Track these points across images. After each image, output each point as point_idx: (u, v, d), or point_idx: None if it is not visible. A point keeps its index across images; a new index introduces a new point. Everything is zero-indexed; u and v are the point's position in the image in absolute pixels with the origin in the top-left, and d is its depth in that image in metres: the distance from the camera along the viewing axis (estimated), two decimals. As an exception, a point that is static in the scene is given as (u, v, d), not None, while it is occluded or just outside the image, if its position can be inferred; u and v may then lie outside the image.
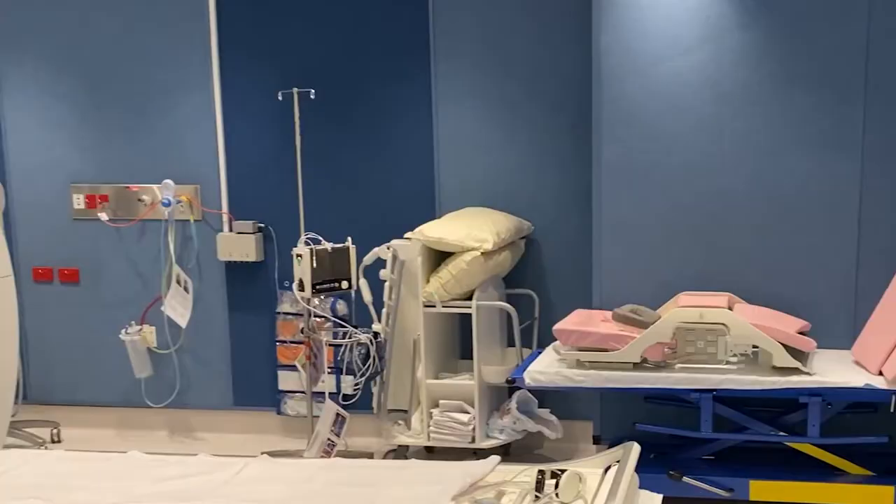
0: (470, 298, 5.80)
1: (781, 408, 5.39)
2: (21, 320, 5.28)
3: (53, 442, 6.69)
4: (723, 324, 5.14)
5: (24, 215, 6.85)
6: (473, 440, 5.85)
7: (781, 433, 5.34)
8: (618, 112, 5.62)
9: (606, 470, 3.87)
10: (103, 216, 6.71)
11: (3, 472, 4.02)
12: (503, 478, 3.81)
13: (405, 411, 6.09)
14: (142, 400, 6.81)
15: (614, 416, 5.82)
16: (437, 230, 5.78)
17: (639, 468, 3.86)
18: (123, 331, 6.64)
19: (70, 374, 6.97)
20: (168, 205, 6.53)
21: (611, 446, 4.46)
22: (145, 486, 3.84)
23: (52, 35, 6.67)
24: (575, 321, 5.44)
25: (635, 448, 3.89)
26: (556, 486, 3.62)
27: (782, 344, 5.09)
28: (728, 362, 5.23)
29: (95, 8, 6.60)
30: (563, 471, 3.66)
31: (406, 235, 5.84)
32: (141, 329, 6.69)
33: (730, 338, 5.14)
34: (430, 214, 6.27)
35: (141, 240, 6.76)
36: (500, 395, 6.12)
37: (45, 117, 6.77)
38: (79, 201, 6.78)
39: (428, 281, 5.79)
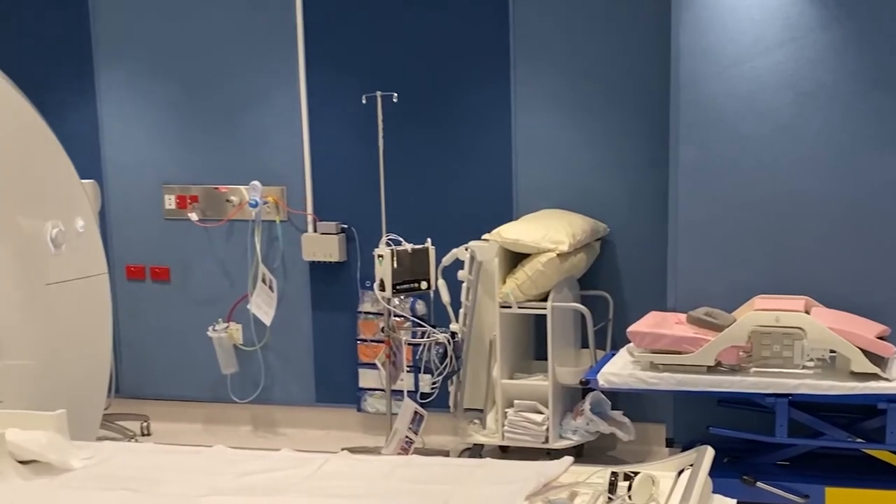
0: (545, 299, 5.66)
1: (859, 414, 5.13)
2: (114, 317, 5.30)
3: (143, 435, 6.71)
4: (800, 328, 4.90)
5: (119, 215, 6.90)
6: (547, 440, 5.70)
7: (859, 440, 5.08)
8: (696, 113, 5.43)
9: (680, 473, 3.72)
10: (193, 216, 6.72)
11: (95, 463, 4.02)
12: (576, 479, 3.71)
13: (480, 410, 5.97)
14: (228, 395, 6.80)
15: (687, 420, 5.62)
16: (514, 232, 5.66)
17: (712, 472, 3.70)
18: (211, 328, 6.65)
19: (160, 370, 6.99)
20: (255, 206, 6.53)
21: (684, 449, 4.31)
22: (230, 480, 3.82)
23: (148, 42, 6.71)
24: (649, 323, 5.26)
25: (709, 452, 3.73)
26: (629, 488, 3.50)
27: (860, 349, 4.83)
28: (804, 367, 4.97)
29: (189, 15, 6.63)
30: (636, 473, 3.56)
31: (483, 237, 5.74)
32: (228, 326, 6.68)
33: (807, 342, 4.88)
34: (508, 216, 6.15)
35: (229, 239, 6.75)
36: (574, 396, 5.96)
37: (140, 120, 6.81)
38: (170, 201, 6.80)
39: (504, 282, 5.67)
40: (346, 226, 6.56)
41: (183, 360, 6.91)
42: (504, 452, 5.97)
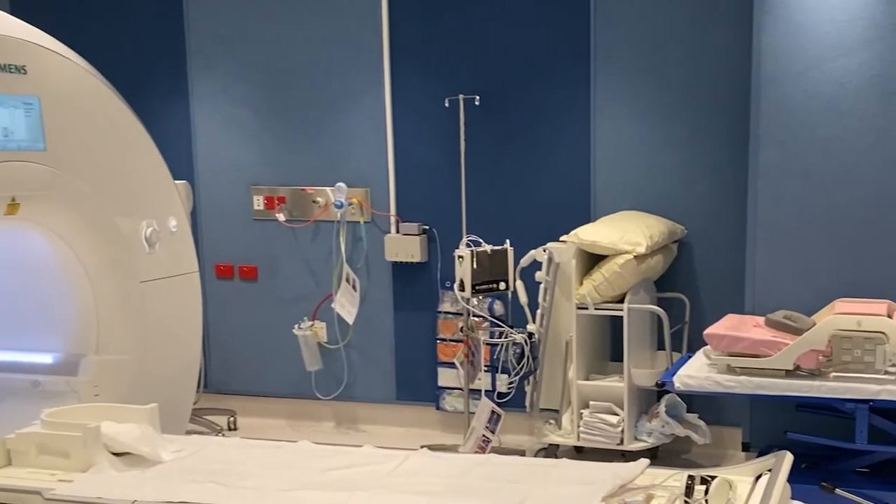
0: (622, 301, 5.56)
1: (943, 421, 4.94)
2: (203, 314, 5.33)
3: (230, 429, 6.73)
4: (882, 332, 4.74)
5: (209, 215, 6.94)
6: (622, 442, 5.59)
7: (941, 447, 4.89)
8: (777, 114, 5.29)
9: (757, 479, 3.61)
10: (280, 217, 6.73)
11: (184, 456, 4.05)
12: (652, 481, 3.62)
13: (556, 411, 5.88)
14: (311, 392, 6.79)
15: (764, 424, 5.48)
16: (592, 233, 5.57)
17: (790, 478, 3.59)
18: (296, 326, 6.65)
19: (246, 366, 7.01)
20: (340, 207, 6.52)
21: (760, 454, 4.20)
22: (313, 475, 3.81)
23: (240, 47, 6.74)
24: (726, 326, 5.12)
25: (788, 457, 3.62)
26: (706, 492, 3.40)
27: (944, 355, 4.64)
28: (886, 372, 4.78)
29: (279, 21, 6.65)
30: (713, 477, 3.45)
31: (561, 238, 5.65)
32: (313, 325, 6.68)
33: (889, 347, 4.72)
34: (586, 218, 6.05)
35: (314, 240, 6.75)
36: (649, 398, 5.85)
37: (231, 123, 6.85)
38: (258, 202, 6.82)
39: (581, 283, 5.58)
40: (427, 227, 6.52)
41: (269, 356, 6.92)
42: (579, 453, 5.87)
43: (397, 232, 6.56)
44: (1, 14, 4.21)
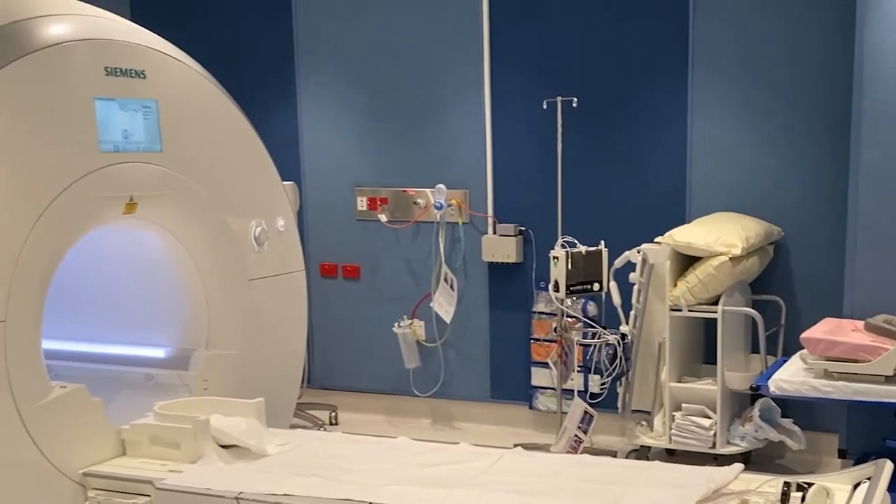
0: (716, 303, 5.39)
1: None
2: (308, 312, 5.32)
3: (331, 424, 6.72)
4: (985, 338, 4.50)
5: (315, 215, 6.93)
6: (714, 445, 5.41)
7: None
8: (879, 114, 5.07)
9: (856, 487, 3.46)
10: (383, 217, 6.70)
11: (289, 449, 4.05)
12: (747, 486, 3.51)
13: (648, 412, 5.73)
14: (409, 389, 6.75)
15: (862, 430, 5.27)
16: (687, 235, 5.42)
17: (890, 487, 3.41)
18: (396, 324, 6.60)
19: (348, 363, 6.99)
20: (440, 208, 6.48)
21: (857, 462, 4.00)
22: (411, 471, 3.79)
23: (345, 51, 6.73)
24: (824, 330, 4.91)
25: (888, 466, 3.46)
26: (803, 499, 3.27)
27: None
28: None
29: (382, 25, 6.62)
30: (810, 484, 3.32)
31: (656, 239, 5.52)
32: (412, 323, 6.63)
33: None
34: (681, 219, 5.89)
35: (415, 240, 6.71)
36: (743, 401, 5.65)
37: (336, 125, 6.84)
38: (362, 203, 6.80)
39: (675, 285, 5.43)
40: (523, 228, 6.42)
41: (369, 353, 6.90)
42: (670, 455, 5.69)
43: (494, 233, 6.48)
44: (122, 21, 4.24)
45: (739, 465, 3.62)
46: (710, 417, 5.41)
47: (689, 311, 5.42)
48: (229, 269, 4.45)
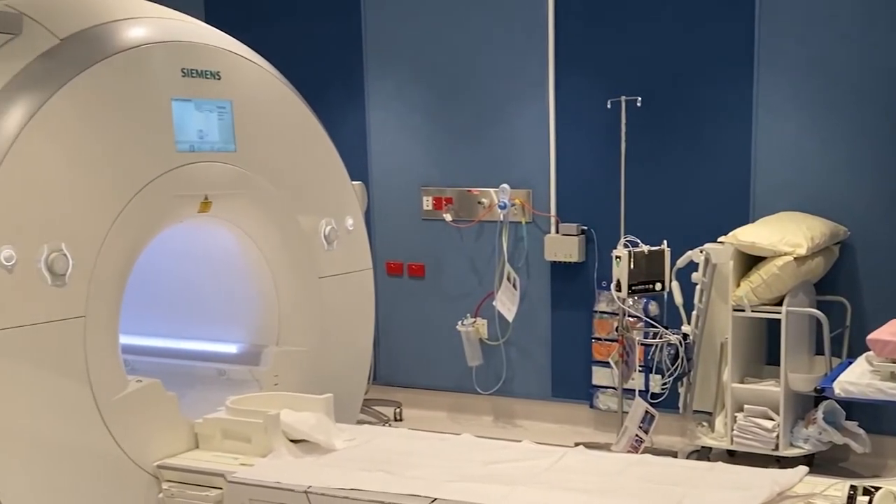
0: (780, 304, 5.25)
1: None
2: (374, 309, 5.31)
3: (396, 420, 6.69)
4: None
5: (382, 214, 6.91)
6: (777, 447, 5.27)
7: None
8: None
9: (925, 492, 3.34)
10: (447, 217, 6.66)
11: (356, 445, 4.04)
12: (811, 490, 3.41)
13: (709, 413, 5.60)
14: (472, 386, 6.69)
15: (929, 434, 5.09)
16: (751, 234, 5.29)
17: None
18: (460, 322, 6.55)
19: (412, 360, 6.95)
20: (504, 207, 6.41)
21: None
22: (475, 468, 3.75)
23: (413, 53, 6.70)
24: (891, 331, 4.69)
25: (956, 470, 3.32)
26: (869, 503, 3.16)
27: None
28: None
29: (449, 27, 6.57)
30: (876, 488, 3.20)
31: (719, 239, 5.38)
32: (475, 321, 6.57)
33: None
34: (744, 219, 5.73)
35: (478, 239, 6.65)
36: (806, 403, 5.51)
37: (403, 126, 6.80)
38: (427, 203, 6.76)
39: (739, 285, 5.30)
40: (585, 227, 6.33)
41: (433, 351, 6.85)
42: (731, 457, 5.53)
43: (557, 232, 6.39)
44: (198, 23, 4.25)
45: (804, 468, 3.53)
46: (772, 419, 5.27)
47: (753, 311, 5.29)
48: (300, 267, 4.45)
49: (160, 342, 4.58)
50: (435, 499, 3.43)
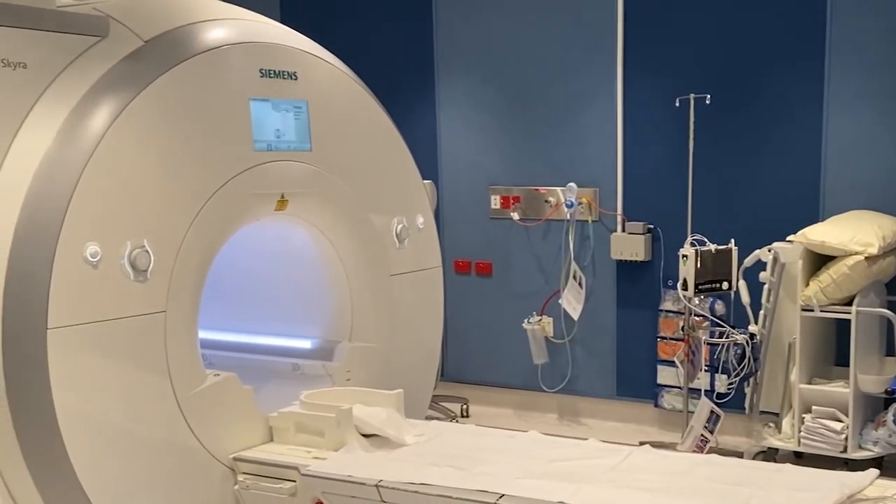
0: (850, 304, 5.12)
1: None
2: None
3: (462, 416, 6.67)
4: None
5: (451, 213, 6.89)
6: (845, 450, 5.15)
7: None
8: None
9: None
10: (515, 216, 6.63)
11: (425, 440, 4.02)
12: (882, 493, 3.33)
13: (776, 414, 5.50)
14: (538, 384, 6.65)
15: None
16: (820, 233, 5.17)
17: None
18: (526, 320, 6.51)
19: (479, 357, 6.93)
20: (571, 206, 6.36)
21: None
22: (542, 465, 3.72)
23: (482, 53, 6.68)
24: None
25: None
26: None
27: None
28: None
29: (519, 26, 6.53)
30: (949, 492, 3.11)
31: (788, 238, 5.26)
32: (541, 319, 6.52)
33: None
34: (814, 217, 5.60)
35: (545, 238, 6.60)
36: (876, 405, 5.38)
37: (472, 125, 6.79)
38: (495, 202, 6.73)
39: (807, 284, 5.18)
40: (651, 226, 6.25)
41: (499, 349, 6.82)
42: (798, 458, 5.39)
43: (623, 231, 6.33)
44: (275, 24, 4.26)
45: (874, 471, 3.44)
46: (841, 421, 5.15)
47: (822, 311, 5.16)
48: (372, 265, 4.45)
49: (236, 337, 4.60)
50: (503, 495, 3.40)
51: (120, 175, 3.41)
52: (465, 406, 6.71)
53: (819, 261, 5.21)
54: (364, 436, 3.93)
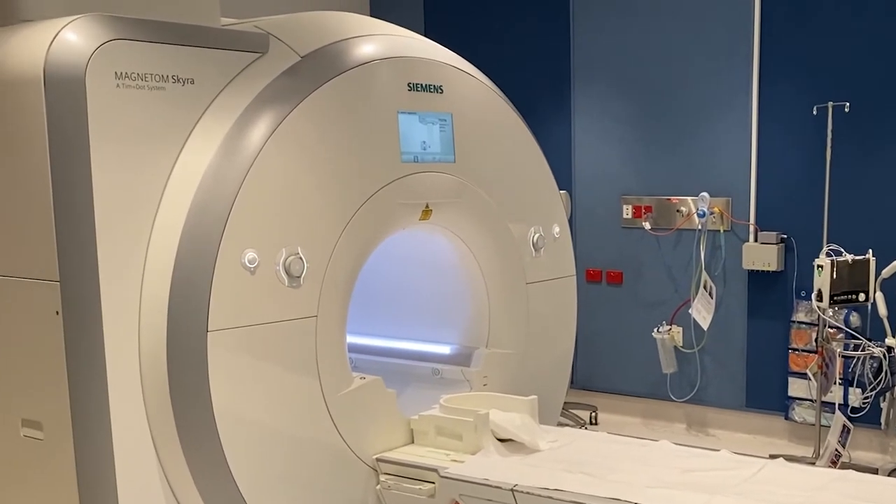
0: None
1: None
2: (576, 314, 5.34)
3: (591, 423, 6.67)
4: None
5: (584, 222, 6.90)
6: None
7: None
8: None
9: None
10: (646, 225, 6.61)
11: (558, 446, 4.02)
12: None
13: (914, 430, 5.32)
14: (666, 393, 6.61)
15: None
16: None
17: None
18: (655, 329, 6.50)
19: (608, 365, 6.92)
20: (703, 216, 6.32)
21: None
22: (674, 475, 3.67)
23: (617, 64, 6.68)
24: None
25: None
26: None
27: None
28: None
29: (654, 35, 6.52)
30: None
31: (928, 249, 5.13)
32: (670, 329, 6.51)
33: None
34: (955, 228, 5.45)
35: (676, 247, 6.56)
36: None
37: (606, 135, 6.79)
38: (627, 211, 6.73)
39: (950, 299, 5.00)
40: (785, 236, 6.13)
41: (629, 357, 6.80)
42: (939, 476, 5.29)
43: (755, 240, 6.23)
44: (421, 39, 4.32)
45: None
46: (982, 440, 4.99)
47: (964, 326, 5.01)
48: (510, 273, 4.47)
49: (380, 342, 4.68)
50: (635, 503, 3.37)
51: (276, 185, 3.51)
52: (593, 414, 6.71)
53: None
54: (500, 440, 3.95)
